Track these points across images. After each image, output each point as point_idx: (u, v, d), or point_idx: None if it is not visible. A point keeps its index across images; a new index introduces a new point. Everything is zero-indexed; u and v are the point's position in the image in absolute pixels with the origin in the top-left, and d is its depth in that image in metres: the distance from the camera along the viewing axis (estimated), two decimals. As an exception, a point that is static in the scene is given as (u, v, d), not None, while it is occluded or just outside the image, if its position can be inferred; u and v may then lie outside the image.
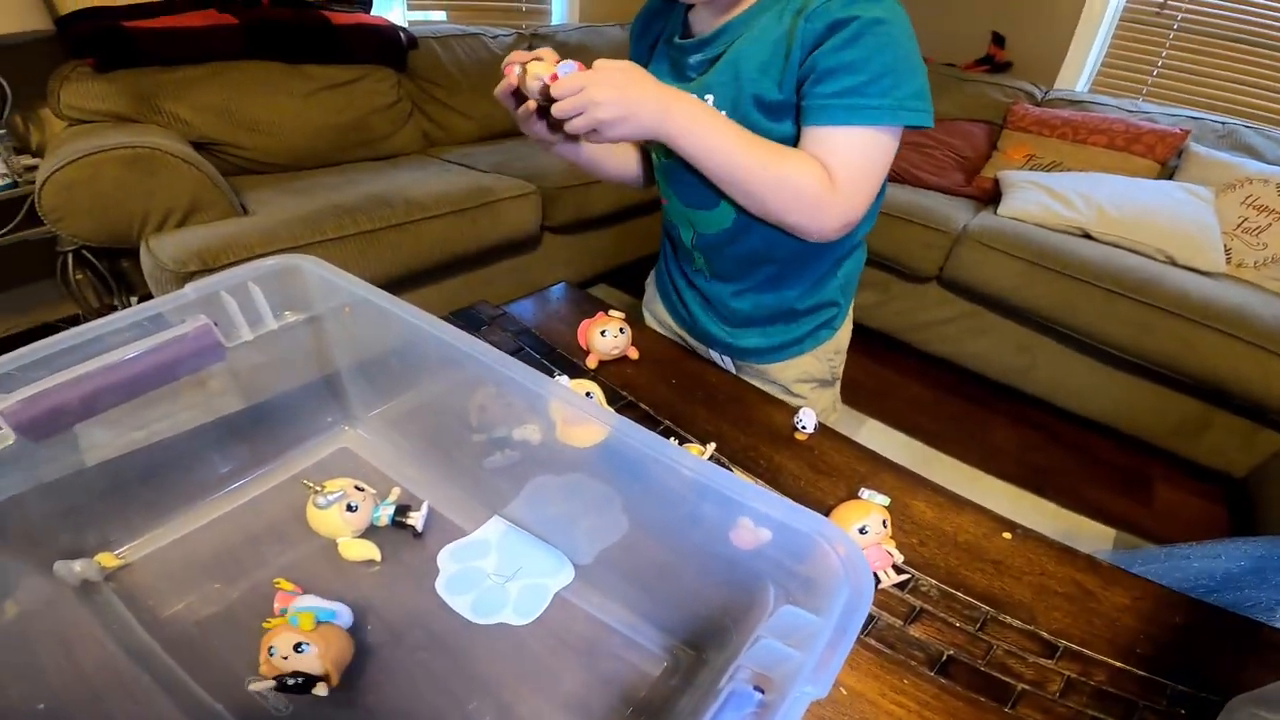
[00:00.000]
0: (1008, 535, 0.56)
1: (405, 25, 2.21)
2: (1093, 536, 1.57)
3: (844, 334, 0.81)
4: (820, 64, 0.55)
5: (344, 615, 0.44)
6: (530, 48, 2.51)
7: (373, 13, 2.17)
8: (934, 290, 2.00)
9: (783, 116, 0.60)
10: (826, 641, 0.30)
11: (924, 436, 1.80)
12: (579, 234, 2.11)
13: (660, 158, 0.71)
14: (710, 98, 0.61)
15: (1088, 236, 1.84)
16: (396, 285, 1.67)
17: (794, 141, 0.60)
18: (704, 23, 0.64)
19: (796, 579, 0.36)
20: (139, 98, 1.63)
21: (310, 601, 0.43)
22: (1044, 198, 1.90)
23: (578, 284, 2.23)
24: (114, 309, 1.73)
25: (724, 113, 0.60)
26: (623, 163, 0.78)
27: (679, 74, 0.66)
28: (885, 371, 2.08)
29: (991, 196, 2.09)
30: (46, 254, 1.61)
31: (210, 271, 1.28)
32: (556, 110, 0.55)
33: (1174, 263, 1.77)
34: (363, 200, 1.58)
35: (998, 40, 2.59)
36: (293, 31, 1.89)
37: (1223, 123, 2.10)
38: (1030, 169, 2.12)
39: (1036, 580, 0.53)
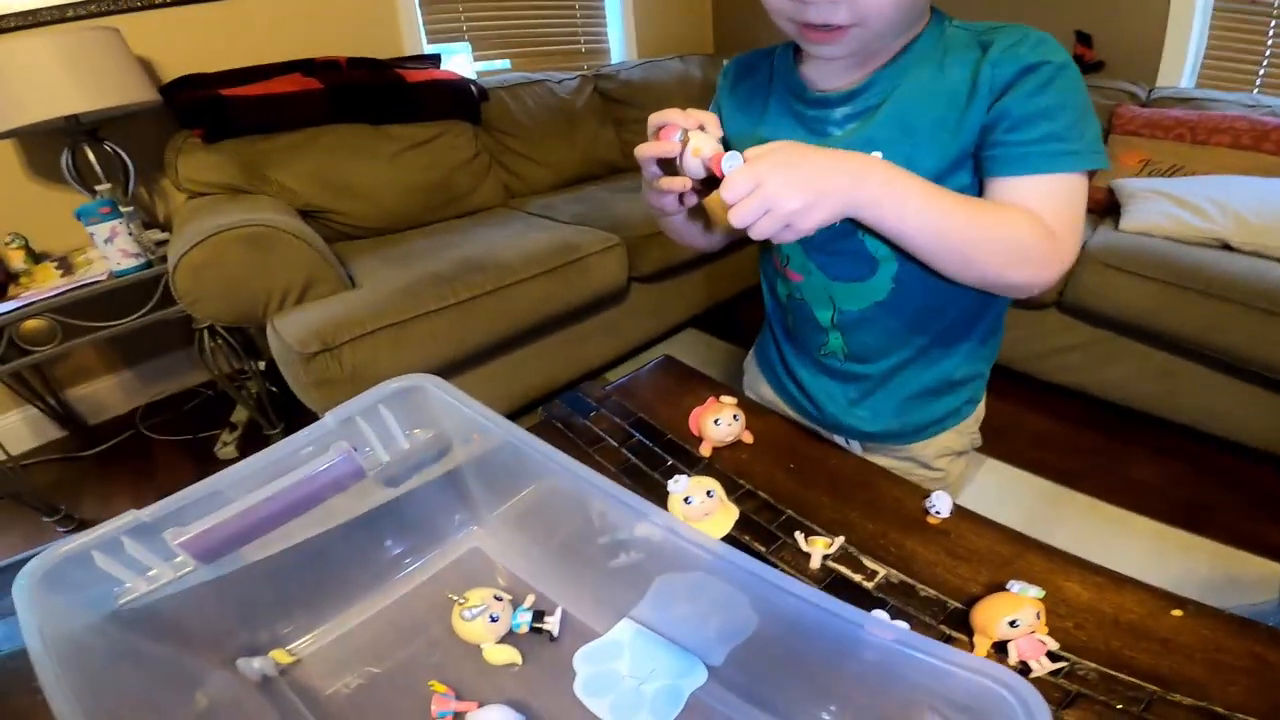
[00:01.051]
0: (1178, 612, 0.50)
1: (474, 78, 2.28)
2: (1260, 575, 1.40)
3: (982, 406, 0.76)
4: (1015, 110, 0.53)
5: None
6: (596, 90, 2.55)
7: (444, 66, 2.25)
8: (1053, 316, 1.84)
9: (958, 169, 0.57)
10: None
11: (1052, 474, 1.66)
12: (665, 281, 2.10)
13: None
14: (878, 154, 0.55)
15: (1227, 248, 1.66)
16: (494, 352, 1.71)
17: (972, 193, 0.57)
18: (838, 76, 0.60)
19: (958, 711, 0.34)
20: (246, 167, 1.75)
21: (501, 714, 0.45)
22: (1171, 207, 1.73)
23: (666, 332, 2.26)
24: (244, 374, 1.88)
25: None
26: (718, 230, 0.73)
27: (815, 130, 0.61)
28: (1004, 406, 1.92)
29: (1106, 208, 1.92)
30: (181, 328, 1.76)
31: (330, 351, 1.39)
32: (737, 218, 0.48)
33: (1329, 271, 1.57)
34: (456, 267, 1.62)
35: (1084, 39, 2.40)
36: (373, 92, 1.96)
37: None
38: (1148, 175, 1.95)
39: (1210, 656, 0.47)
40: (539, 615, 0.54)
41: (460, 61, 2.41)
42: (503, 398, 1.78)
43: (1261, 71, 2.17)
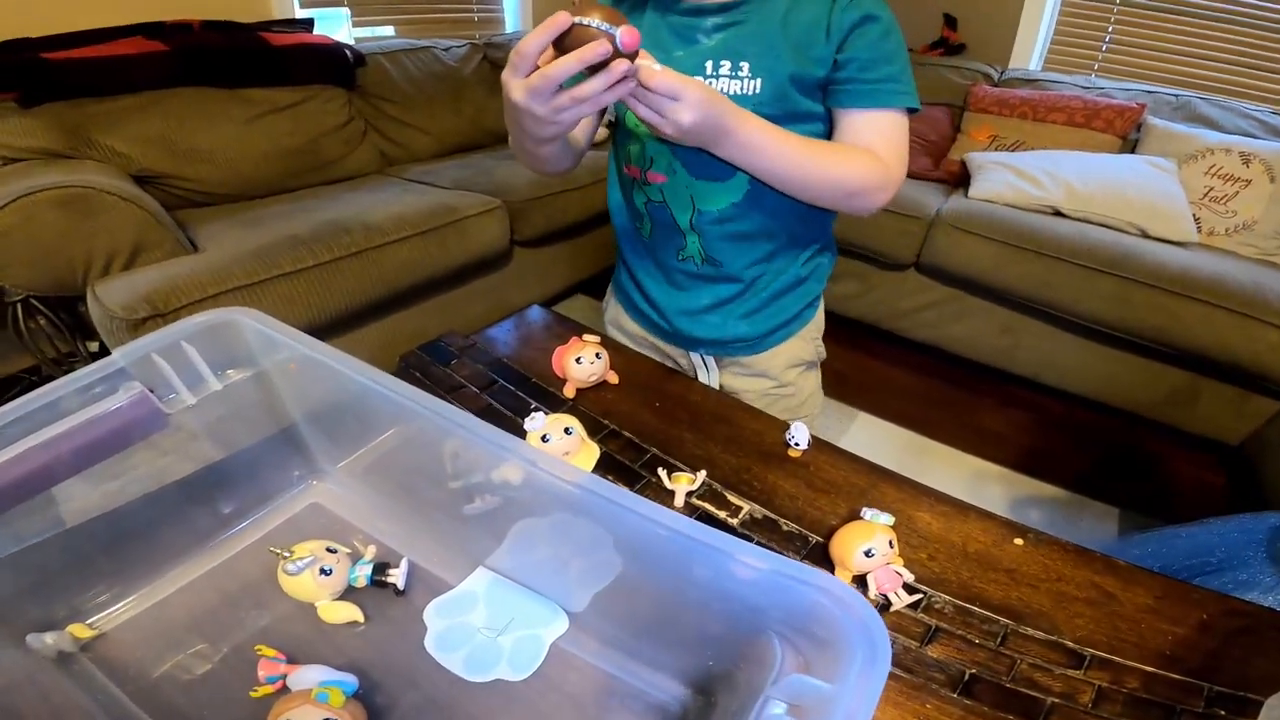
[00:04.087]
0: (1019, 541, 0.54)
1: (351, 43, 2.15)
2: (1097, 516, 1.57)
3: (821, 310, 0.82)
4: (862, 53, 0.62)
5: (352, 685, 0.42)
6: (485, 58, 2.45)
7: (316, 31, 2.10)
8: (913, 277, 1.99)
9: (817, 95, 0.65)
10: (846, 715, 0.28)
11: (917, 426, 1.79)
12: (550, 246, 2.07)
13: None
14: (745, 65, 0.63)
15: (1059, 214, 1.85)
16: (363, 316, 1.61)
17: (823, 118, 0.66)
18: None
19: (805, 638, 0.34)
20: (70, 132, 1.57)
21: (322, 674, 0.42)
22: (1012, 178, 1.90)
23: (553, 298, 2.20)
24: (73, 357, 1.65)
25: (759, 81, 0.63)
26: (576, 146, 0.73)
27: (684, 37, 0.65)
28: (871, 362, 2.07)
29: (960, 179, 2.09)
30: (-7, 304, 1.53)
31: (164, 317, 1.25)
32: (640, 103, 0.53)
33: (1146, 235, 1.78)
34: (319, 228, 1.52)
35: (950, 22, 2.59)
36: (228, 55, 1.82)
37: (1176, 95, 2.13)
38: (995, 149, 2.12)
39: (1054, 587, 0.50)
40: (381, 568, 0.50)
41: (337, 27, 2.26)
42: (373, 363, 1.67)
43: (1100, 56, 2.43)
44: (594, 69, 0.49)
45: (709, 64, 0.64)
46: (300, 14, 2.21)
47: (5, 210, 1.22)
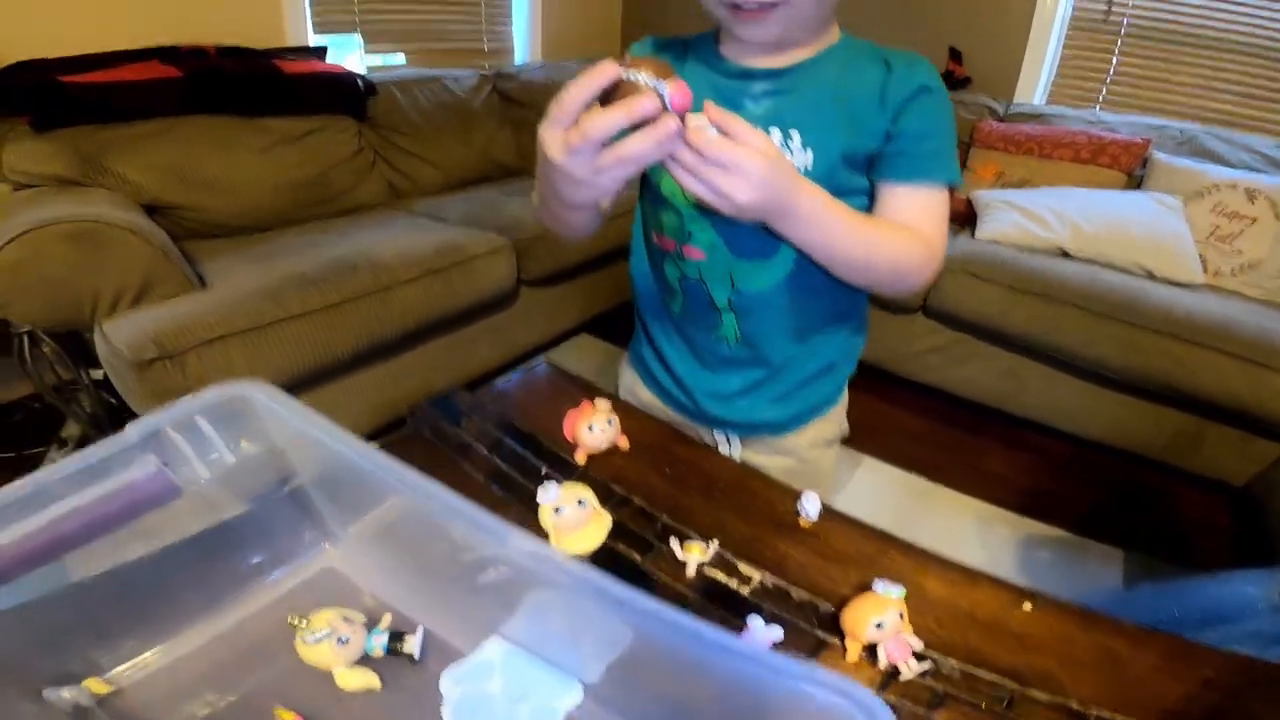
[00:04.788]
0: (1027, 606, 0.54)
1: (363, 71, 2.17)
2: (1102, 557, 1.56)
3: (846, 390, 0.80)
4: (915, 125, 0.60)
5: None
6: (495, 89, 2.47)
7: (328, 60, 2.12)
8: (920, 321, 1.98)
9: (864, 169, 0.63)
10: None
11: (921, 469, 1.77)
12: (556, 286, 2.06)
13: (693, 203, 0.64)
14: (797, 134, 0.60)
15: (1066, 255, 1.85)
16: (369, 357, 1.60)
17: (868, 192, 0.64)
18: (758, 57, 0.62)
19: None
20: (83, 158, 1.57)
21: None
22: (1019, 218, 1.91)
23: (559, 337, 2.21)
24: (75, 385, 1.66)
25: (811, 154, 0.60)
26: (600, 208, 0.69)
27: (729, 101, 0.60)
28: (877, 405, 2.05)
29: (967, 219, 2.09)
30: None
31: (171, 359, 1.26)
32: (690, 174, 0.47)
33: (1152, 276, 1.78)
34: (327, 267, 1.51)
35: (955, 56, 2.58)
36: (243, 82, 1.82)
37: (1180, 129, 2.14)
38: (1001, 187, 2.13)
39: (1062, 650, 0.50)
40: (397, 636, 0.50)
41: (349, 56, 2.27)
42: (382, 406, 1.67)
43: (1104, 89, 2.44)
44: (636, 126, 0.45)
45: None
46: (313, 41, 2.23)
47: (14, 244, 1.21)
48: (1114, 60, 2.39)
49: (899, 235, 0.61)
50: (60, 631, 0.46)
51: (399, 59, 2.53)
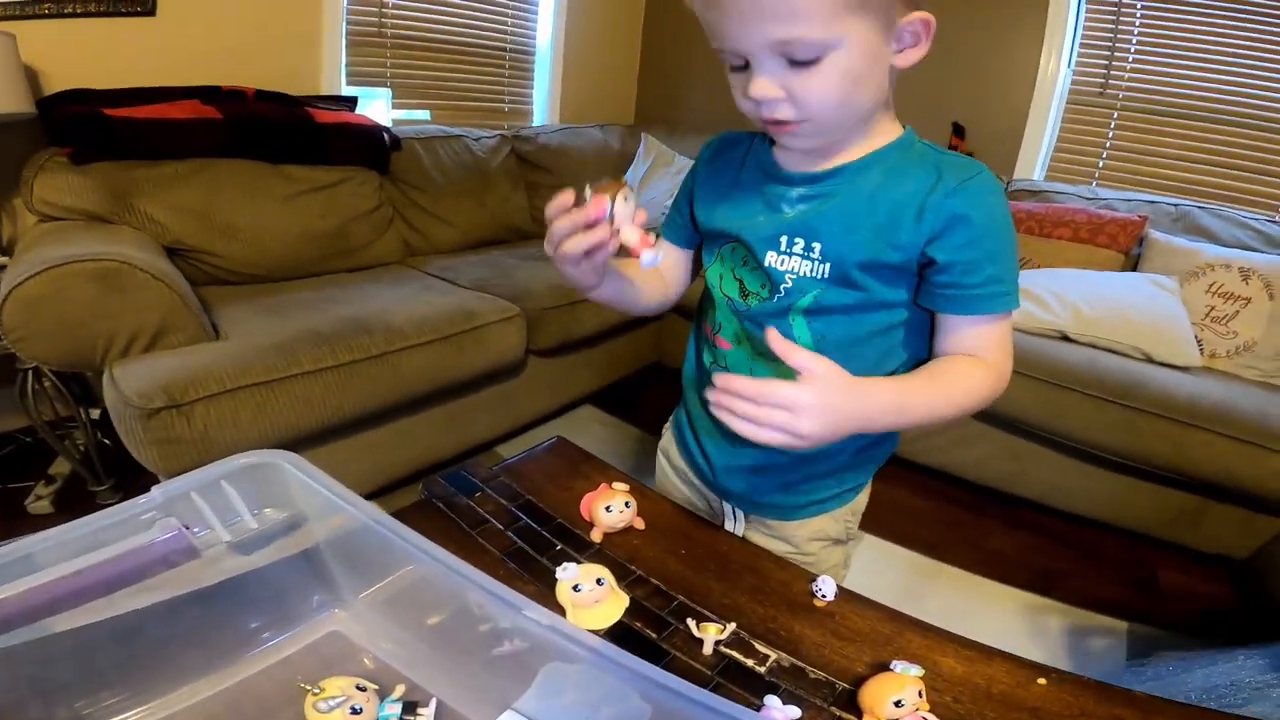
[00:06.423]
0: (1042, 681, 0.54)
1: (389, 125, 2.21)
2: (1105, 630, 1.54)
3: (864, 496, 0.79)
4: (964, 253, 0.58)
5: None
6: (513, 151, 2.55)
7: (359, 110, 2.16)
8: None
9: (890, 281, 0.61)
10: None
11: (923, 548, 1.76)
12: (564, 356, 2.05)
13: (730, 298, 0.68)
14: (818, 246, 0.61)
15: (1066, 338, 1.88)
16: (375, 419, 1.59)
17: (894, 306, 0.62)
18: (803, 162, 0.63)
19: None
20: (114, 195, 1.58)
21: None
22: (1022, 300, 1.94)
23: (563, 408, 2.20)
24: (71, 423, 1.64)
25: (828, 266, 0.60)
26: (650, 296, 0.75)
27: (770, 204, 0.64)
28: (879, 485, 2.03)
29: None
30: (2, 365, 1.52)
31: (178, 408, 1.25)
32: (744, 425, 0.51)
33: (1150, 360, 1.81)
34: (340, 326, 1.51)
35: (958, 131, 2.58)
36: (275, 128, 1.85)
37: (1175, 204, 2.18)
38: (1004, 266, 2.18)
39: None
40: (410, 707, 0.49)
41: (378, 108, 2.33)
42: (383, 469, 1.65)
43: (1101, 165, 2.51)
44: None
45: (784, 239, 0.62)
46: (345, 91, 2.28)
47: (37, 279, 1.21)
48: (1109, 135, 2.46)
49: (972, 378, 0.60)
50: (52, 679, 0.45)
51: (424, 115, 2.61)
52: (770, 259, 0.62)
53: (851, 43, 0.51)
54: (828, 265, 0.61)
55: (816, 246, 0.60)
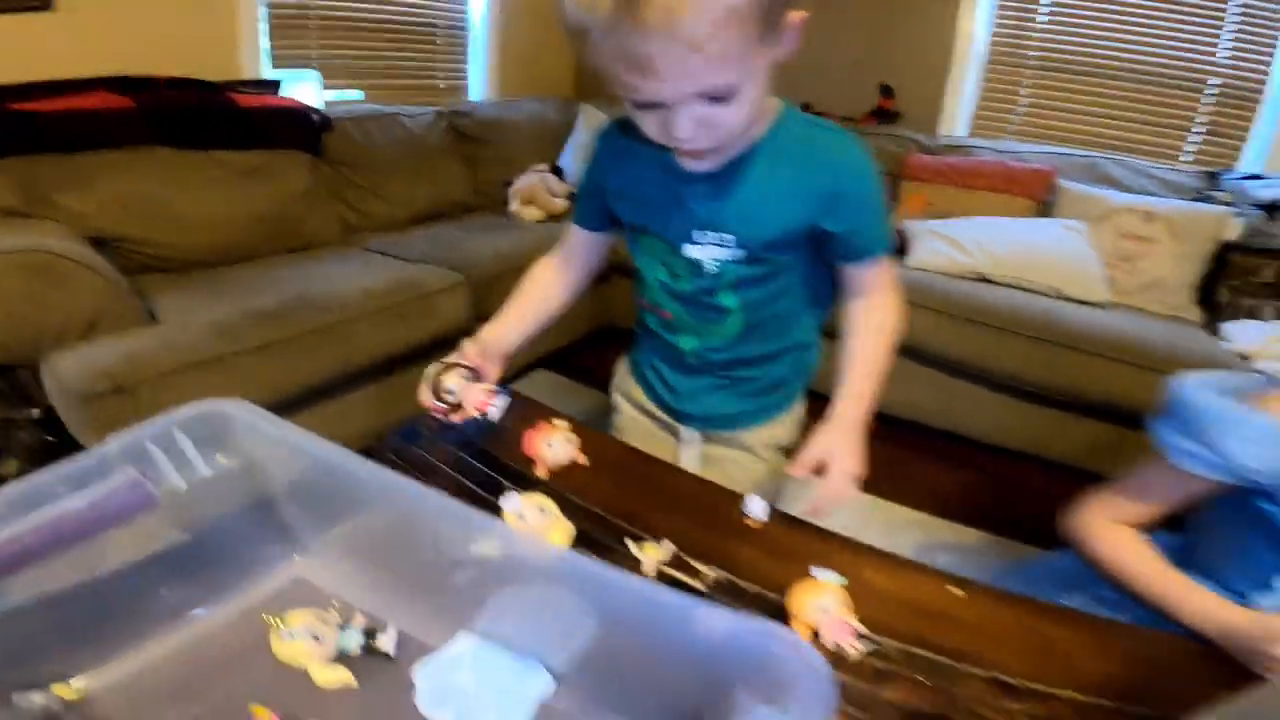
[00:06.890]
0: (960, 591, 0.60)
1: (320, 106, 2.16)
2: (1029, 556, 1.63)
3: (801, 405, 0.91)
4: (846, 222, 0.70)
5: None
6: (450, 126, 2.50)
7: (284, 93, 2.11)
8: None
9: (789, 250, 0.73)
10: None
11: (863, 486, 1.84)
12: None
13: (665, 281, 0.78)
14: (730, 236, 0.71)
15: (985, 280, 1.99)
16: (328, 392, 1.59)
17: (792, 266, 0.74)
18: (699, 162, 0.70)
19: (764, 679, 0.39)
20: (29, 189, 1.53)
21: None
22: (944, 246, 2.05)
23: (514, 373, 2.19)
24: (12, 422, 1.59)
25: (744, 252, 0.71)
26: (568, 300, 0.89)
27: (679, 202, 0.72)
28: (812, 426, 2.10)
29: (898, 248, 2.22)
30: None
31: (121, 392, 1.24)
32: (835, 500, 0.75)
33: (1064, 297, 1.93)
34: (283, 302, 1.51)
35: (886, 91, 2.71)
36: (196, 114, 1.80)
37: (1084, 156, 2.32)
38: (929, 217, 2.28)
39: (992, 629, 0.56)
40: (370, 634, 0.52)
41: (306, 90, 2.26)
42: (340, 440, 1.63)
43: (1017, 119, 2.65)
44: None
45: (696, 232, 0.72)
46: (271, 75, 2.20)
47: None
48: (1021, 91, 2.60)
49: (885, 327, 0.78)
50: (29, 638, 0.47)
51: (356, 95, 2.54)
52: (690, 250, 0.73)
53: (757, 70, 0.58)
54: (741, 250, 0.71)
55: (727, 236, 0.71)
